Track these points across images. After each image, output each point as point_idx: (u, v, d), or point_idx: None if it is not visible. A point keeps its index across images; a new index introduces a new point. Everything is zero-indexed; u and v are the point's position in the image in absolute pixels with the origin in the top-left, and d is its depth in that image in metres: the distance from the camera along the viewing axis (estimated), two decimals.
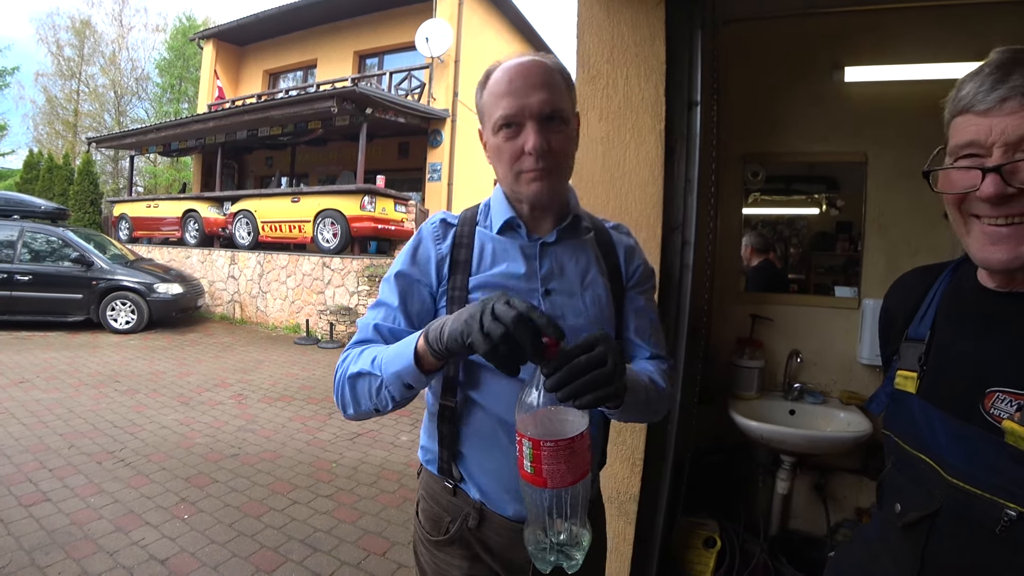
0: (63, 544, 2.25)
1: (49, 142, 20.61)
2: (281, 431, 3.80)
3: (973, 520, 0.65)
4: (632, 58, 1.56)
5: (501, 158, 0.84)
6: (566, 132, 0.83)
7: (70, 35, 21.24)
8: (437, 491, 0.92)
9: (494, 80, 0.82)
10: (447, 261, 0.88)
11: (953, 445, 0.68)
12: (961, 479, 0.66)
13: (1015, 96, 0.58)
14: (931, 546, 0.69)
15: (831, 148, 2.12)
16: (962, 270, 0.79)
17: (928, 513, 0.69)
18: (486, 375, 0.85)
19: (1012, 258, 0.62)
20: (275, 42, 12.10)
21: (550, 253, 0.89)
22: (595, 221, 0.98)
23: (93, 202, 12.68)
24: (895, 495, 0.77)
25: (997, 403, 0.65)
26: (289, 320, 8.02)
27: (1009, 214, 0.61)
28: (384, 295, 0.89)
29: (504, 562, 0.89)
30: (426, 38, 9.26)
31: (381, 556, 2.31)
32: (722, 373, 2.14)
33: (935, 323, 0.77)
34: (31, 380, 4.67)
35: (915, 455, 0.74)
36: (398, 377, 0.74)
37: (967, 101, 0.63)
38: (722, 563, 1.90)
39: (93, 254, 7.21)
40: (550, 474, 0.65)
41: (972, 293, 0.74)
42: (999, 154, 0.60)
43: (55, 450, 3.23)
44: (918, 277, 0.85)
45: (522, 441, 0.66)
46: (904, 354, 0.79)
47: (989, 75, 0.61)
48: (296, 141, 10.18)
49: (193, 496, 2.75)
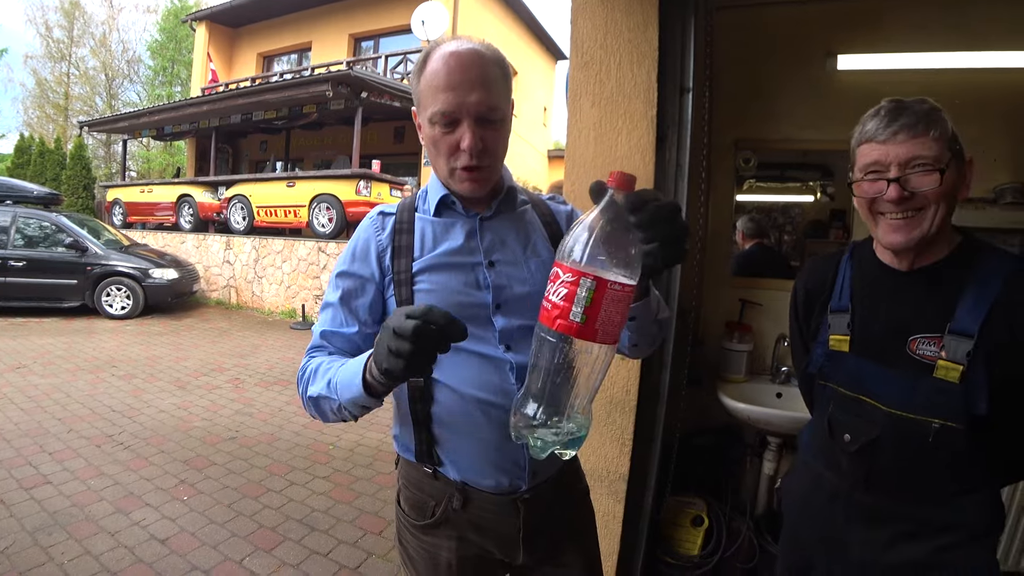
0: (65, 525, 2.29)
1: (40, 126, 20.29)
2: (278, 414, 3.84)
3: (908, 435, 0.92)
4: (625, 44, 1.56)
5: (438, 150, 0.84)
6: (501, 130, 0.84)
7: (59, 16, 20.79)
8: (418, 478, 0.94)
9: (432, 70, 0.80)
10: (388, 250, 0.88)
11: (887, 386, 0.95)
12: (898, 408, 0.93)
13: (903, 131, 0.86)
14: (875, 460, 0.96)
15: (823, 136, 2.13)
16: (859, 253, 1.06)
17: (873, 438, 0.96)
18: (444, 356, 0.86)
19: (907, 240, 0.89)
20: (269, 24, 11.91)
21: (489, 227, 0.90)
22: (532, 195, 0.99)
23: (86, 187, 12.58)
24: (842, 429, 1.01)
25: (921, 345, 0.92)
26: (285, 305, 8.04)
27: (904, 210, 0.88)
28: (328, 296, 0.90)
29: (493, 536, 0.91)
30: (422, 21, 9.14)
31: (378, 535, 2.37)
32: (711, 356, 2.18)
33: (853, 296, 1.03)
34: (28, 366, 4.69)
35: (855, 397, 1.00)
36: (353, 403, 0.75)
37: (870, 134, 0.90)
38: (709, 541, 1.96)
39: (87, 239, 7.18)
40: (604, 324, 0.57)
41: (880, 272, 1.00)
42: (895, 170, 0.87)
43: (54, 434, 3.26)
44: (822, 263, 1.12)
45: (580, 280, 0.56)
46: (834, 323, 1.04)
47: (884, 116, 0.88)
48: (291, 125, 10.06)
49: (192, 478, 2.80)
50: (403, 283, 0.86)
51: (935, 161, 0.85)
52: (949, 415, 0.88)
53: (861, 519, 0.99)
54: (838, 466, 1.03)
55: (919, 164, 0.86)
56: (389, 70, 9.86)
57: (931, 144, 0.85)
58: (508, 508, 0.89)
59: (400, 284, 0.86)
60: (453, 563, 0.92)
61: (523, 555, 0.92)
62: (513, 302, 0.86)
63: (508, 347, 0.85)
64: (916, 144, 0.86)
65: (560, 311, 0.57)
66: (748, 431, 2.15)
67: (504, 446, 0.85)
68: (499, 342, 0.85)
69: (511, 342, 0.85)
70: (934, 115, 0.86)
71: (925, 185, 0.86)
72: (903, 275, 0.96)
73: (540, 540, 0.93)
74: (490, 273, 0.87)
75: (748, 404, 1.94)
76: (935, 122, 0.86)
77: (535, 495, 0.90)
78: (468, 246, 0.88)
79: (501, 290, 0.87)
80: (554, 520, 0.95)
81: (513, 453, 0.87)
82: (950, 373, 0.88)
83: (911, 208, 0.88)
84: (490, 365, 0.85)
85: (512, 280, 0.87)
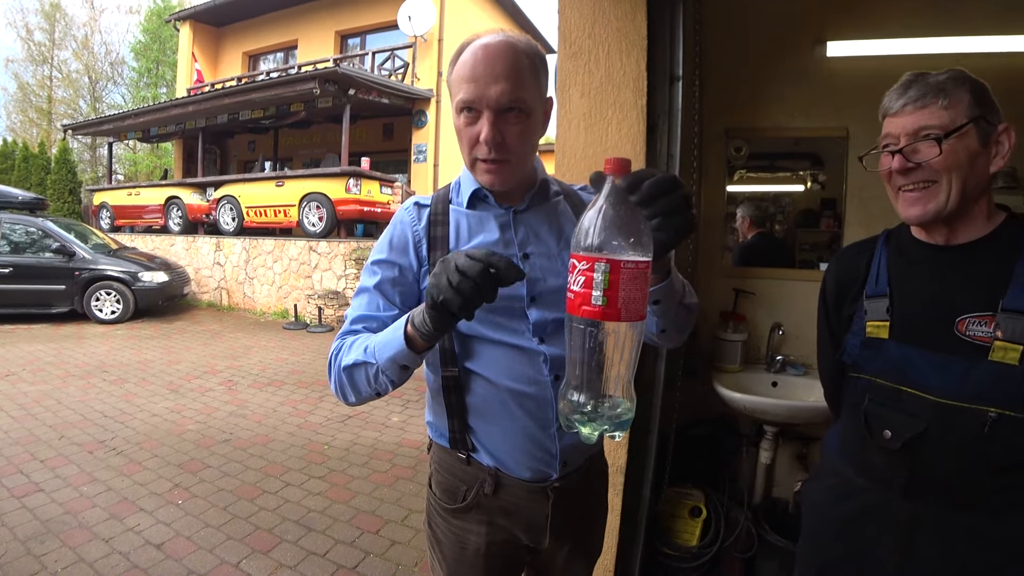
0: (58, 533, 2.26)
1: (23, 130, 20.03)
2: (272, 415, 3.81)
3: (959, 429, 0.83)
4: (614, 33, 1.55)
5: (461, 140, 0.85)
6: (525, 124, 0.82)
7: (40, 18, 20.51)
8: (450, 463, 0.95)
9: (462, 60, 0.81)
10: (424, 241, 0.89)
11: (934, 372, 0.87)
12: (948, 398, 0.84)
13: (910, 103, 0.86)
14: (919, 460, 0.87)
15: (813, 123, 2.13)
16: (894, 238, 1.00)
17: (918, 432, 0.87)
18: (478, 347, 0.86)
19: (923, 213, 0.87)
20: (254, 23, 11.77)
21: (523, 220, 0.91)
22: (564, 186, 0.99)
23: (72, 191, 12.44)
24: (882, 425, 0.92)
25: (971, 326, 0.84)
26: (277, 305, 7.98)
27: (914, 181, 0.86)
28: (364, 282, 0.90)
29: (522, 523, 0.92)
30: (408, 16, 9.08)
31: (375, 534, 2.35)
32: (706, 347, 2.18)
33: (890, 280, 0.96)
34: (17, 373, 4.63)
35: (896, 388, 0.91)
36: (393, 361, 0.76)
37: (885, 108, 0.90)
38: (707, 531, 1.96)
39: (75, 244, 7.08)
40: (627, 303, 0.58)
41: (918, 251, 0.95)
42: (903, 141, 0.86)
43: (45, 441, 3.22)
44: (856, 251, 1.06)
45: (594, 265, 0.58)
46: (870, 309, 0.97)
47: (896, 90, 0.89)
48: (278, 124, 9.99)
49: (186, 482, 2.77)
50: None
51: (940, 130, 0.82)
52: (1008, 402, 0.80)
53: (899, 531, 0.89)
54: (872, 470, 0.94)
55: (926, 134, 0.84)
56: (376, 67, 9.78)
57: (939, 113, 0.83)
58: (539, 496, 0.90)
59: None
60: (481, 547, 0.93)
61: (549, 541, 0.94)
62: (547, 295, 0.87)
63: (542, 339, 0.86)
64: (923, 114, 0.84)
65: (582, 298, 0.59)
66: (744, 421, 2.16)
67: (537, 435, 0.87)
68: (533, 334, 0.86)
69: (544, 335, 0.86)
70: (948, 84, 0.84)
71: (926, 155, 0.84)
72: (944, 251, 0.91)
73: (565, 528, 0.95)
74: (524, 266, 0.87)
75: (744, 394, 1.94)
76: (947, 91, 0.83)
77: (565, 484, 0.91)
78: (503, 239, 0.89)
79: (535, 283, 0.87)
80: (578, 509, 0.97)
81: (545, 442, 0.88)
82: (1008, 354, 0.80)
83: (921, 180, 0.86)
84: (524, 357, 0.86)
85: (546, 273, 0.88)
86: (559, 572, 1.02)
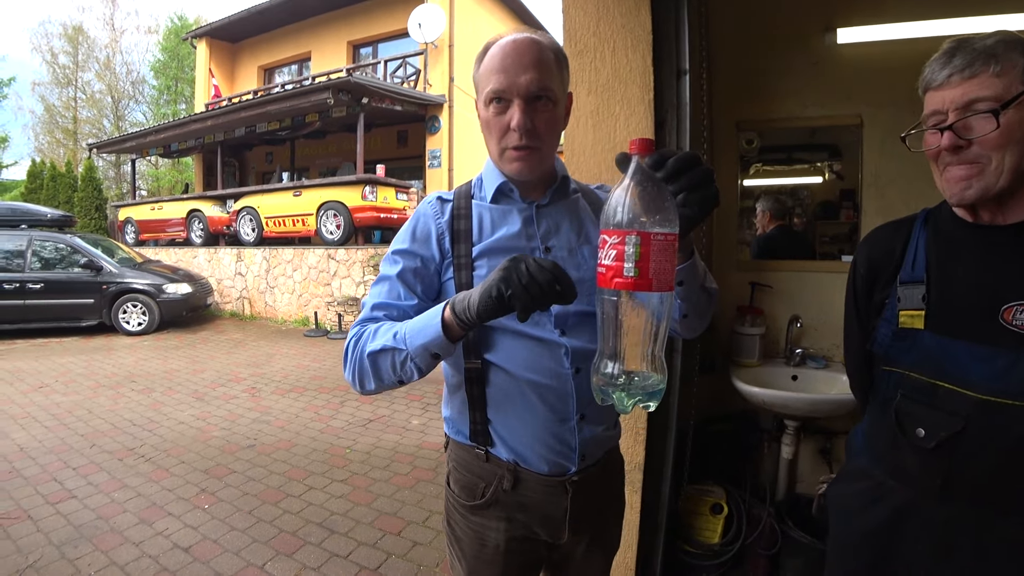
0: (90, 537, 2.33)
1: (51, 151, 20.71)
2: (295, 421, 3.87)
3: (1002, 429, 0.75)
4: (618, 29, 1.55)
5: (490, 132, 0.87)
6: (552, 112, 0.85)
7: (63, 42, 21.22)
8: (468, 460, 0.95)
9: (489, 55, 0.84)
10: (447, 234, 0.90)
11: (978, 367, 0.78)
12: (991, 394, 0.76)
13: (956, 72, 0.76)
14: (956, 460, 0.79)
15: (826, 112, 2.10)
16: (935, 217, 0.91)
17: (955, 431, 0.79)
18: (500, 339, 0.87)
19: (964, 190, 0.79)
20: (268, 37, 12.01)
21: (545, 214, 0.92)
22: (581, 185, 1.02)
23: (98, 207, 12.81)
24: (915, 423, 0.84)
25: (1018, 315, 0.76)
26: (298, 313, 8.11)
27: (963, 161, 0.78)
28: (385, 271, 0.91)
29: (540, 518, 0.92)
30: (419, 24, 9.16)
31: (396, 535, 2.37)
32: (724, 342, 2.15)
33: (928, 265, 0.87)
34: (50, 385, 4.78)
35: (931, 383, 0.83)
36: (425, 349, 0.77)
37: (927, 81, 0.81)
38: (729, 528, 1.94)
39: (102, 259, 7.30)
40: (657, 273, 0.60)
41: (961, 231, 0.85)
42: (952, 116, 0.77)
43: (77, 450, 3.31)
44: (892, 230, 0.96)
45: (625, 239, 0.60)
46: (904, 296, 0.88)
47: (938, 59, 0.79)
48: (295, 135, 10.16)
49: (212, 487, 2.83)
50: (463, 267, 0.88)
51: (996, 100, 0.73)
52: None
53: (934, 538, 0.82)
54: (904, 471, 0.86)
55: (979, 106, 0.75)
56: (389, 75, 9.89)
57: (990, 82, 0.74)
58: (557, 490, 0.91)
59: (460, 268, 0.88)
60: (501, 544, 0.93)
61: (567, 535, 0.94)
62: None
63: (563, 332, 0.87)
64: (973, 84, 0.75)
65: (614, 270, 0.61)
66: (764, 416, 2.13)
67: (556, 428, 0.88)
68: (555, 326, 0.87)
69: (566, 327, 0.87)
70: (998, 48, 0.74)
71: (981, 130, 0.75)
72: (990, 231, 0.82)
73: (583, 523, 0.95)
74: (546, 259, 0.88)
75: (763, 388, 1.91)
76: (997, 55, 0.74)
77: (583, 478, 0.91)
78: (526, 232, 0.90)
79: None
80: (596, 503, 0.97)
81: (565, 435, 0.88)
82: None
83: (971, 159, 0.77)
84: (545, 349, 0.86)
85: (567, 266, 0.88)
86: (578, 566, 1.02)
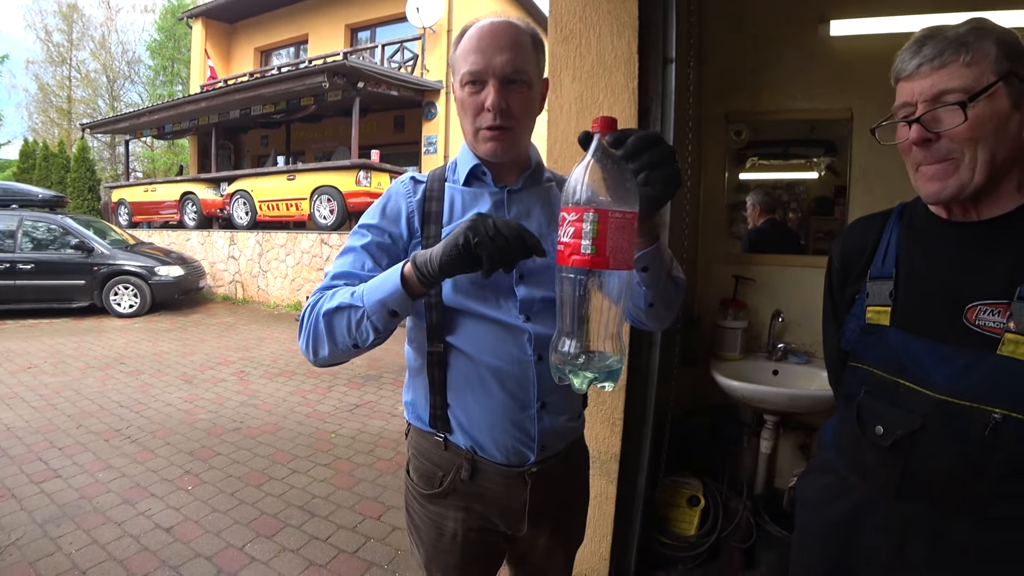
0: (73, 516, 2.34)
1: (44, 130, 20.43)
2: (282, 405, 3.87)
3: (958, 430, 0.74)
4: (605, 15, 1.53)
5: (465, 112, 0.87)
6: (527, 95, 0.86)
7: (58, 20, 20.83)
8: (428, 448, 0.95)
9: (467, 36, 0.85)
10: (417, 214, 0.90)
11: (938, 366, 0.76)
12: (949, 395, 0.75)
13: (926, 62, 0.73)
14: (912, 460, 0.78)
15: (816, 105, 2.08)
16: (908, 213, 0.89)
17: (912, 430, 0.78)
18: (463, 322, 0.87)
19: (941, 190, 0.75)
20: (265, 18, 11.83)
21: (516, 199, 0.93)
22: (555, 175, 1.01)
23: (91, 188, 12.67)
24: (875, 419, 0.83)
25: (982, 315, 0.74)
26: (290, 298, 8.09)
27: (935, 155, 0.74)
28: (352, 242, 0.90)
29: (499, 509, 0.92)
30: (417, 8, 9.04)
31: (377, 519, 2.38)
32: (706, 335, 2.15)
33: (898, 261, 0.85)
34: (39, 365, 4.76)
35: (894, 380, 0.82)
36: (383, 305, 0.75)
37: (897, 71, 0.78)
38: (706, 520, 1.95)
39: (93, 240, 7.25)
40: (615, 251, 0.60)
41: (932, 226, 0.83)
42: (921, 108, 0.74)
43: (64, 430, 3.31)
44: (868, 223, 0.94)
45: (583, 216, 0.60)
46: (872, 291, 0.87)
47: (909, 48, 0.76)
48: (290, 119, 10.06)
49: (196, 468, 2.83)
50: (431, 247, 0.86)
51: (965, 92, 0.70)
52: (1015, 404, 0.70)
53: (892, 537, 0.81)
54: (865, 468, 0.86)
55: (948, 97, 0.72)
56: (386, 59, 9.78)
57: (960, 72, 0.71)
58: (516, 481, 0.90)
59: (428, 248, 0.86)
60: (459, 534, 0.93)
61: (527, 528, 0.93)
62: (536, 273, 0.88)
63: (528, 317, 0.87)
64: (942, 74, 0.72)
65: (571, 247, 0.61)
66: (744, 410, 2.14)
67: (515, 415, 0.88)
68: (519, 312, 0.87)
69: (531, 312, 0.87)
70: (970, 36, 0.72)
71: (949, 123, 0.72)
72: (962, 228, 0.79)
73: (543, 515, 0.95)
74: None
75: (743, 382, 1.92)
76: (968, 44, 0.71)
77: (542, 469, 0.91)
78: (496, 216, 0.88)
79: (525, 261, 0.87)
80: (557, 495, 0.97)
81: (524, 423, 0.88)
82: (1020, 349, 0.70)
83: (943, 153, 0.74)
84: (508, 334, 0.86)
85: None
86: (539, 559, 1.02)
